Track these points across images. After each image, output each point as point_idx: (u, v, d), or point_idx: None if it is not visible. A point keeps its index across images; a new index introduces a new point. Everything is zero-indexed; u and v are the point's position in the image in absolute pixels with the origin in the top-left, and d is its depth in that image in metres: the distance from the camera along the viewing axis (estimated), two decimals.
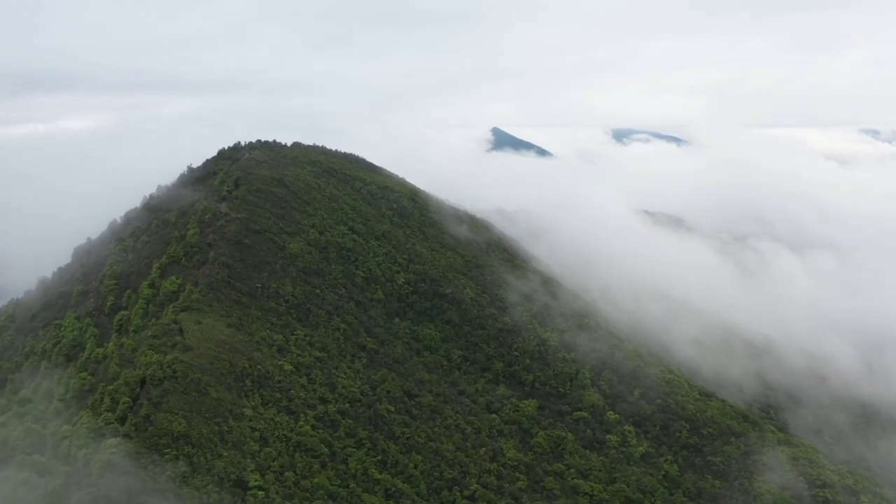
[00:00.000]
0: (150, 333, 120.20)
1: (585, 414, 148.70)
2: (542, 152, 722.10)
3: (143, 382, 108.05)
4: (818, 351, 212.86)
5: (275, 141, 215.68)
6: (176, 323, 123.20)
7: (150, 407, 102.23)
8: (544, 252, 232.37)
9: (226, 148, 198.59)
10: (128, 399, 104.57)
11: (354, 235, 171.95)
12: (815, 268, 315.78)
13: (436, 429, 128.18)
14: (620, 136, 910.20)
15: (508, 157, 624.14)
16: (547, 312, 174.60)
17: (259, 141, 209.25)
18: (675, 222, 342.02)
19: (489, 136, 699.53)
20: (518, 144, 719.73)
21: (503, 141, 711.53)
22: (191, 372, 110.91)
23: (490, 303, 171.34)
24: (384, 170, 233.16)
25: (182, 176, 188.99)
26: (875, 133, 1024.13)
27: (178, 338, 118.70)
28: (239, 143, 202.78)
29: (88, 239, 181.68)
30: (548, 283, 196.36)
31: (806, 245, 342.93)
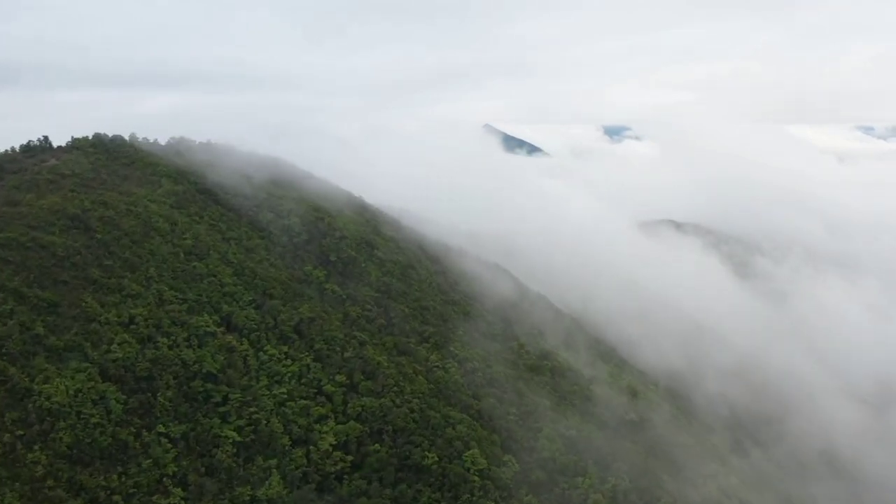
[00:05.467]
0: None
1: None
2: (533, 149, 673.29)
3: None
4: None
5: (133, 137, 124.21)
6: None
7: None
8: (553, 291, 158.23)
9: (10, 149, 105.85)
10: None
11: (231, 337, 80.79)
12: (849, 288, 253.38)
13: None
14: (613, 133, 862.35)
15: (500, 156, 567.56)
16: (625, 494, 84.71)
17: (95, 136, 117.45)
18: (686, 230, 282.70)
19: (481, 133, 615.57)
20: (510, 142, 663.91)
21: (495, 138, 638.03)
22: None
23: (522, 476, 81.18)
24: (332, 185, 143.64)
25: None
26: (869, 130, 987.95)
27: None
28: (46, 139, 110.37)
29: None
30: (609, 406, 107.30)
31: (823, 256, 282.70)
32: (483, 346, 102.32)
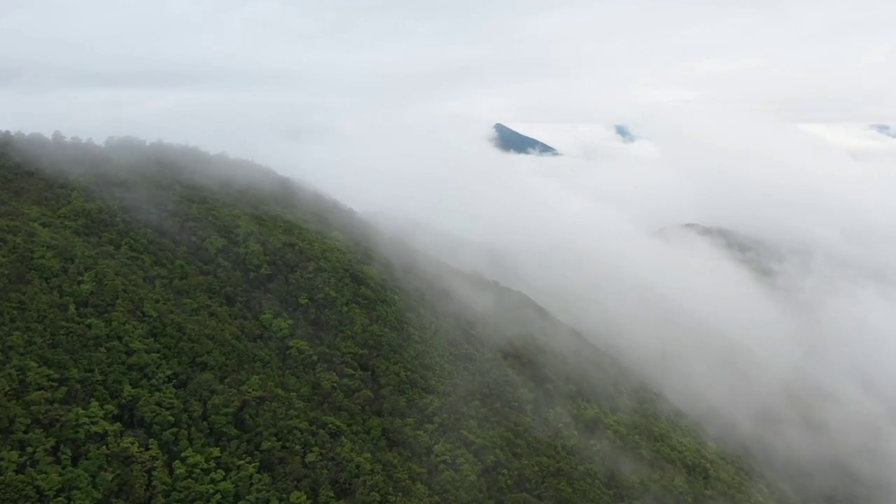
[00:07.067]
0: None
1: None
2: (545, 149, 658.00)
3: None
4: None
5: (59, 136, 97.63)
6: None
7: None
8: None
9: None
10: None
11: (131, 440, 53.29)
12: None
13: None
14: (625, 132, 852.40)
15: (510, 157, 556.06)
16: None
17: (4, 135, 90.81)
18: (702, 233, 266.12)
19: (491, 132, 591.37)
20: (522, 142, 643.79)
21: (506, 138, 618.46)
22: None
23: None
24: (318, 196, 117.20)
25: None
26: (884, 129, 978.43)
27: None
28: None
29: None
30: None
31: (844, 260, 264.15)
32: (506, 419, 74.58)
